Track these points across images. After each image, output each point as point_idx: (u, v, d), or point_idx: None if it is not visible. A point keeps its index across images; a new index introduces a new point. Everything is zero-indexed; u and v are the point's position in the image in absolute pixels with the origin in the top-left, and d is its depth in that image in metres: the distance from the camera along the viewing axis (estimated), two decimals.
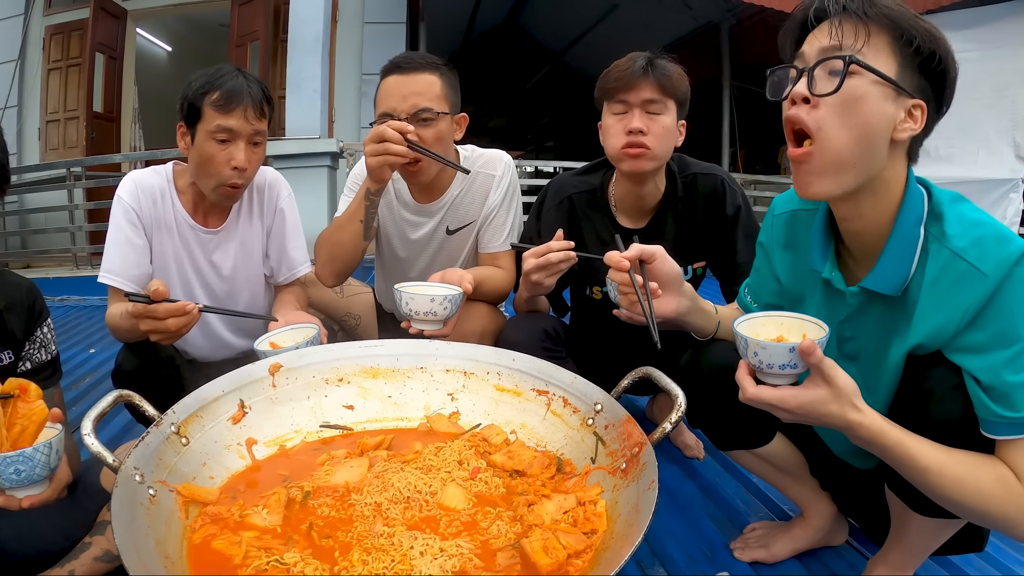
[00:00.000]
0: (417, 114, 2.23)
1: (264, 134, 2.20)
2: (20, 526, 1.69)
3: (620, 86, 2.13)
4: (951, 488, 1.28)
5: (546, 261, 1.99)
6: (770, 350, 1.26)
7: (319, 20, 7.13)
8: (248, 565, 1.23)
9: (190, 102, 2.12)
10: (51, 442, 1.42)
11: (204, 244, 2.30)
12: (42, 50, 10.57)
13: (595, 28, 12.63)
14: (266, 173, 2.39)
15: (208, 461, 1.51)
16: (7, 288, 1.76)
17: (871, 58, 1.29)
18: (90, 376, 3.79)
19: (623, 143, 2.14)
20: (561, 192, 2.41)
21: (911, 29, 1.29)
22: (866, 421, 1.27)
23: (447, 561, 1.21)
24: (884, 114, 1.30)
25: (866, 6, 1.31)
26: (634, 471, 1.34)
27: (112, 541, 1.69)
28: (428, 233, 2.53)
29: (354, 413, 1.76)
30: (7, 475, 1.37)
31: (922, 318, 1.36)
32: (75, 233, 8.21)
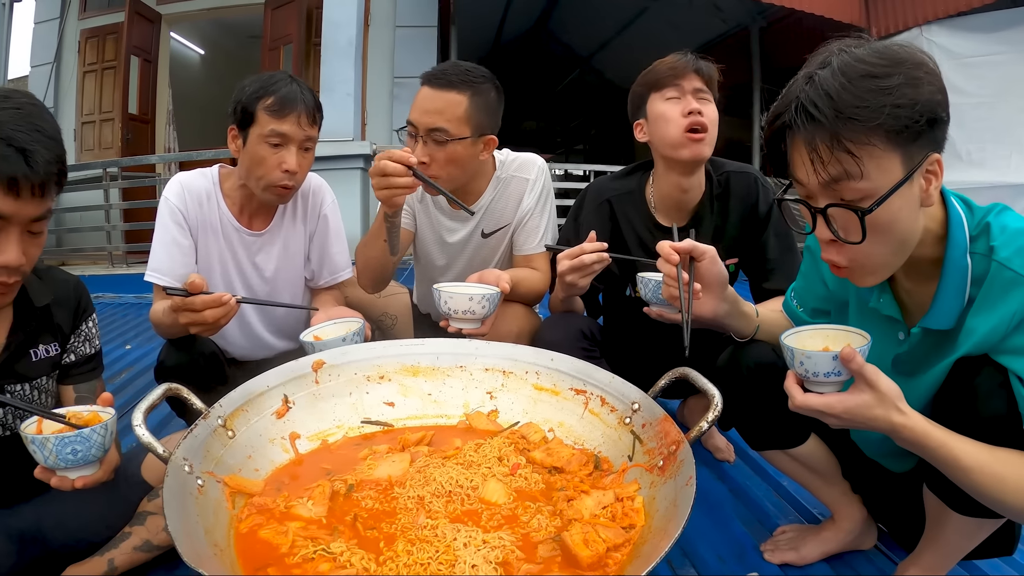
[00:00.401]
0: (431, 132, 2.23)
1: (314, 140, 2.24)
2: (62, 515, 1.73)
3: (675, 73, 2.18)
4: (993, 486, 1.29)
5: (580, 263, 2.02)
6: (815, 359, 1.31)
7: (352, 24, 7.19)
8: (295, 554, 1.27)
9: (243, 106, 2.16)
10: (107, 424, 1.47)
11: (248, 246, 2.35)
12: (77, 53, 10.76)
13: (624, 32, 12.60)
14: (311, 180, 2.44)
15: (253, 454, 1.56)
16: (55, 284, 1.81)
17: (874, 170, 1.23)
18: (126, 372, 3.87)
19: (685, 125, 2.16)
20: (600, 195, 2.43)
21: (897, 119, 1.20)
22: (910, 423, 1.28)
23: (490, 552, 1.25)
24: (909, 204, 1.28)
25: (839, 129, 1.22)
26: (671, 468, 1.36)
27: (151, 531, 1.74)
28: (464, 237, 2.55)
29: (394, 410, 1.80)
30: (63, 455, 1.41)
31: (971, 331, 1.36)
32: (111, 232, 8.34)
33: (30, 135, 1.45)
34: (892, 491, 1.76)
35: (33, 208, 1.48)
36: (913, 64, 1.22)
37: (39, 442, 1.41)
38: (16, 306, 1.69)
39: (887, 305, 1.49)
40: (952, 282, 1.36)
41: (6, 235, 1.46)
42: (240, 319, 2.43)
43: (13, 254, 1.47)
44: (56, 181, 1.51)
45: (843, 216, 1.29)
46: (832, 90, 1.21)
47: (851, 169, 1.22)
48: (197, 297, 1.78)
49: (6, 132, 1.42)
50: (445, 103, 2.23)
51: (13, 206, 1.44)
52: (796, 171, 1.32)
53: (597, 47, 14.30)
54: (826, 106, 1.21)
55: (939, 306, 1.39)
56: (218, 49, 13.62)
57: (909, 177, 1.24)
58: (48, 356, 1.77)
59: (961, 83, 7.38)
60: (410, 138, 2.28)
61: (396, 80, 9.32)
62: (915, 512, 1.63)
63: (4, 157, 1.41)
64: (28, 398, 1.72)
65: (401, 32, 9.37)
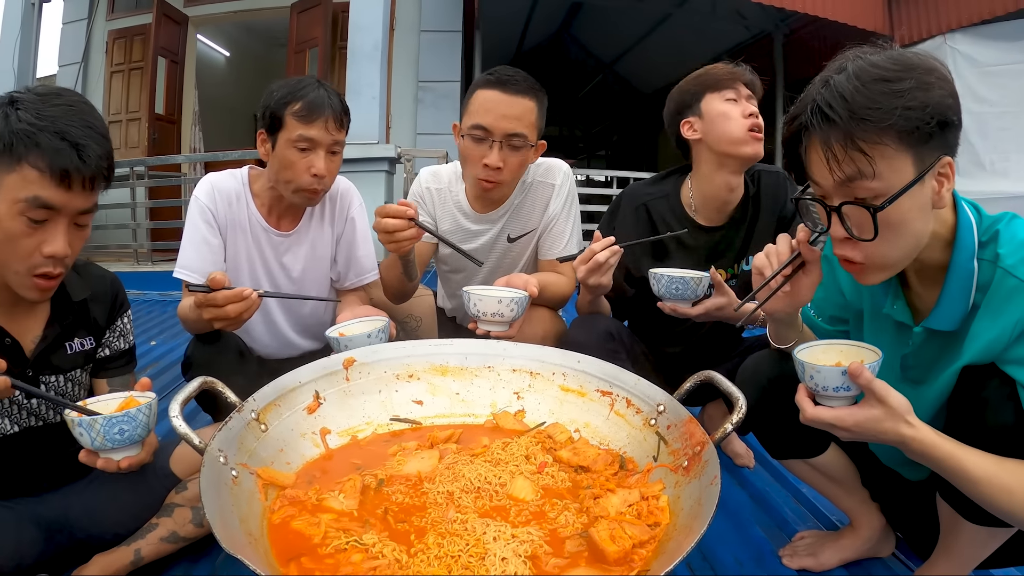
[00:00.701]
0: (509, 138, 2.28)
1: (342, 144, 2.28)
2: (90, 505, 1.77)
3: (734, 77, 2.25)
4: (1001, 497, 1.30)
5: (595, 263, 2.06)
6: (824, 373, 1.35)
7: (378, 28, 7.25)
8: (328, 544, 1.30)
9: (272, 111, 2.20)
10: (150, 404, 1.51)
11: (276, 246, 2.39)
12: (105, 53, 10.93)
13: (647, 38, 12.60)
14: (339, 182, 2.48)
15: (285, 447, 1.59)
16: (93, 279, 1.86)
17: (886, 169, 1.27)
18: (151, 367, 3.93)
19: (747, 125, 2.22)
20: (635, 200, 2.46)
21: (908, 120, 1.24)
22: (919, 436, 1.31)
23: (519, 546, 1.27)
24: (920, 205, 1.32)
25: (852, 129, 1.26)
26: (696, 468, 1.38)
27: (179, 523, 1.77)
28: (489, 241, 2.59)
29: (423, 408, 1.83)
30: (111, 435, 1.45)
31: (975, 336, 1.38)
32: (136, 229, 8.44)
33: (83, 131, 1.51)
34: (909, 499, 1.78)
35: (82, 201, 1.53)
36: (925, 70, 1.27)
37: (86, 424, 1.45)
38: (54, 300, 1.74)
39: (900, 311, 1.51)
40: (956, 284, 1.39)
41: (55, 226, 1.52)
42: (266, 318, 2.46)
43: (60, 244, 1.52)
44: (104, 176, 1.56)
45: (856, 214, 1.33)
46: (847, 92, 1.26)
47: (864, 168, 1.27)
48: (219, 292, 1.81)
49: (60, 127, 1.48)
50: (522, 109, 2.28)
51: (64, 198, 1.49)
52: (813, 171, 1.37)
53: (620, 53, 14.31)
54: (840, 107, 1.26)
55: (942, 307, 1.41)
56: (244, 51, 13.77)
57: (920, 178, 1.28)
58: (83, 350, 1.81)
59: (984, 92, 7.34)
60: (478, 142, 2.30)
61: (420, 84, 9.40)
62: (931, 520, 1.64)
63: (58, 150, 1.46)
64: (62, 390, 1.77)
65: (426, 36, 9.44)
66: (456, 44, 9.52)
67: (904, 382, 1.53)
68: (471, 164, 2.34)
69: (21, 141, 1.45)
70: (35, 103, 1.50)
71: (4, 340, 1.64)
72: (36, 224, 1.49)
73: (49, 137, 1.46)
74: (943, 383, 1.46)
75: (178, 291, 2.32)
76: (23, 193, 1.46)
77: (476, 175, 2.34)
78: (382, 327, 1.98)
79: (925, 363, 1.51)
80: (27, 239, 1.50)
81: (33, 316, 1.71)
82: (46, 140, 1.46)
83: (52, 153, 1.46)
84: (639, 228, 2.37)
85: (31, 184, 1.46)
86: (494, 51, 11.28)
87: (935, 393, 1.48)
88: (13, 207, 1.47)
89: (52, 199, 1.48)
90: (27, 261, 1.52)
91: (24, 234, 1.49)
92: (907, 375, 1.54)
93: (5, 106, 1.50)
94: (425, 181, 2.61)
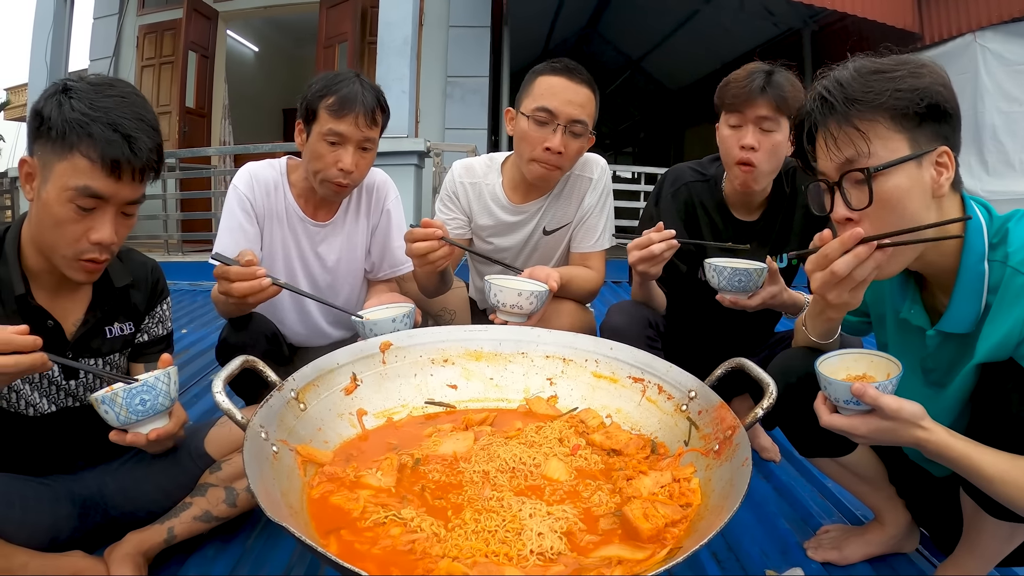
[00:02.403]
0: (572, 124, 2.31)
1: (374, 141, 2.30)
2: (124, 483, 1.82)
3: (737, 102, 2.19)
4: (1016, 495, 1.32)
5: (649, 253, 2.06)
6: (835, 386, 1.39)
7: (407, 23, 7.27)
8: (367, 519, 1.33)
9: (308, 102, 2.24)
10: (168, 371, 1.55)
11: (312, 236, 2.43)
12: (136, 48, 11.05)
13: (675, 34, 12.55)
14: (376, 175, 2.52)
15: (323, 426, 1.63)
16: (134, 266, 1.90)
17: (880, 148, 1.36)
18: (183, 353, 4.00)
19: (736, 157, 2.21)
20: (678, 180, 2.47)
21: (899, 100, 1.34)
22: (933, 438, 1.34)
23: (555, 523, 1.30)
24: (919, 187, 1.36)
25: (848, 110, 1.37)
26: (727, 452, 1.41)
27: (212, 503, 1.81)
28: (526, 233, 2.61)
29: (457, 392, 1.87)
30: (133, 407, 1.49)
31: (987, 335, 1.39)
32: (167, 220, 8.54)
33: (135, 123, 1.55)
34: (934, 495, 1.78)
35: (131, 191, 1.57)
36: (918, 64, 1.38)
37: (109, 400, 1.48)
38: (96, 285, 1.78)
39: (917, 315, 1.53)
40: (967, 287, 1.41)
41: (103, 214, 1.56)
42: (299, 306, 2.51)
43: (107, 232, 1.56)
44: (154, 168, 1.60)
45: (854, 189, 1.40)
46: (844, 80, 1.39)
47: (860, 147, 1.36)
48: (233, 267, 1.82)
49: (112, 118, 1.52)
50: (585, 98, 2.33)
51: (113, 188, 1.53)
52: (818, 160, 1.46)
53: (647, 50, 14.25)
54: (837, 92, 1.38)
55: (954, 309, 1.43)
56: (273, 47, 13.88)
57: (916, 157, 1.35)
58: (122, 335, 1.85)
59: (1014, 90, 7.25)
60: (541, 125, 2.32)
61: (449, 79, 9.42)
62: (955, 517, 1.65)
63: (110, 141, 1.50)
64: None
65: (454, 32, 9.45)
66: (484, 39, 9.53)
67: (927, 385, 1.56)
68: (530, 146, 2.35)
69: (74, 130, 1.49)
70: (88, 93, 1.54)
71: (47, 322, 1.68)
72: (84, 212, 1.53)
73: (102, 128, 1.50)
74: (961, 384, 1.47)
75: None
76: (73, 181, 1.50)
77: (535, 157, 2.35)
78: (407, 312, 2.01)
79: (944, 366, 1.52)
80: (75, 225, 1.54)
81: (75, 300, 1.76)
82: (99, 131, 1.50)
83: (104, 144, 1.50)
84: (677, 209, 2.39)
85: (82, 173, 1.50)
86: (522, 47, 11.27)
87: (956, 394, 1.50)
88: (63, 194, 1.51)
89: (102, 189, 1.52)
90: (74, 246, 1.56)
91: (72, 220, 1.54)
92: (928, 378, 1.56)
93: (59, 94, 1.54)
94: (459, 176, 2.62)
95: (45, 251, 1.61)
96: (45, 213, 1.55)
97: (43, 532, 1.64)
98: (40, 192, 1.55)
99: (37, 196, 1.56)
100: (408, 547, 1.25)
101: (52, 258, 1.60)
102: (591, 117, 2.36)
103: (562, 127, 2.30)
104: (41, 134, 1.53)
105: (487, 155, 2.65)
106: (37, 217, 1.59)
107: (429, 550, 1.24)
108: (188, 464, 1.86)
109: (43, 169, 1.54)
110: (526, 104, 2.35)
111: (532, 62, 2.46)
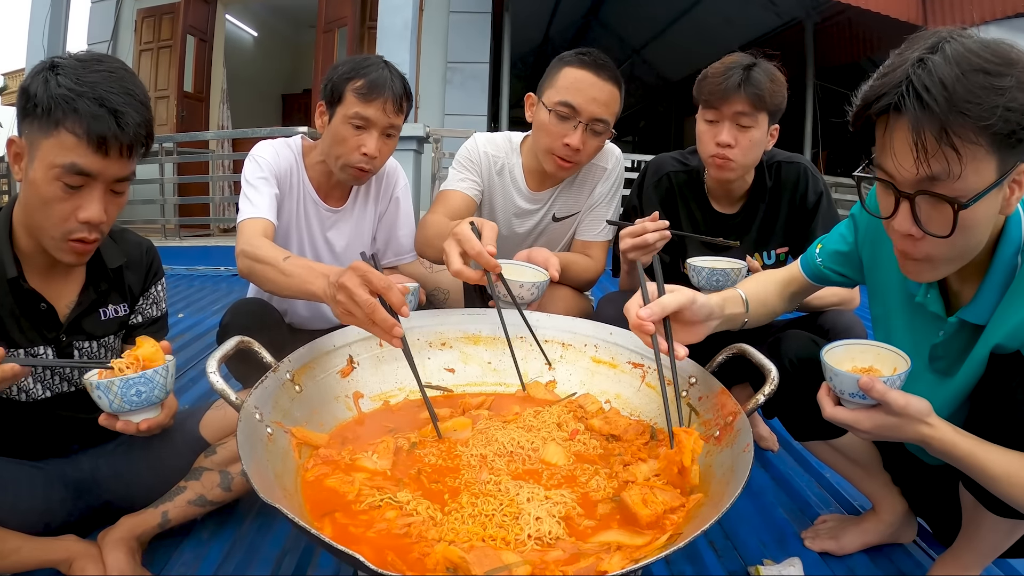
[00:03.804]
0: (594, 122, 2.26)
1: (398, 128, 2.27)
2: (118, 467, 1.81)
3: (713, 99, 2.16)
4: (1019, 494, 1.31)
5: (642, 241, 2.06)
6: (841, 378, 1.36)
7: (408, 8, 7.24)
8: (362, 502, 1.32)
9: (334, 84, 2.20)
10: (167, 366, 1.52)
11: (323, 220, 2.41)
12: (134, 32, 11.02)
13: (676, 24, 12.52)
14: (387, 162, 2.47)
15: (319, 408, 1.61)
16: (128, 246, 1.87)
17: (971, 174, 1.18)
18: (179, 338, 3.99)
19: (711, 152, 2.20)
20: (660, 170, 2.46)
21: (1007, 123, 1.14)
22: (938, 435, 1.32)
23: (553, 507, 1.29)
24: (992, 209, 1.25)
25: (950, 120, 1.15)
26: (728, 437, 1.40)
27: (206, 487, 1.80)
28: (537, 219, 2.58)
29: (455, 376, 1.86)
30: (128, 397, 1.46)
31: (1001, 322, 1.37)
32: (164, 205, 8.51)
33: (122, 97, 1.51)
34: (929, 484, 1.77)
35: (119, 168, 1.53)
36: (1023, 67, 1.17)
37: (104, 387, 1.46)
38: (89, 266, 1.75)
39: (933, 301, 1.49)
40: (997, 278, 1.37)
41: (91, 192, 1.52)
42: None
43: (96, 211, 1.52)
44: (142, 144, 1.56)
45: (930, 208, 1.24)
46: (947, 79, 1.15)
47: (953, 168, 1.17)
48: None
49: (99, 93, 1.48)
50: (610, 95, 2.28)
51: (100, 164, 1.49)
52: (892, 155, 1.24)
53: (648, 39, 14.24)
54: (939, 94, 1.14)
55: (980, 300, 1.39)
56: (271, 31, 13.83)
57: (1000, 183, 1.21)
58: (116, 316, 1.82)
59: None
60: (562, 120, 2.26)
61: (449, 65, 9.41)
62: (954, 509, 1.64)
63: (96, 116, 1.46)
64: (95, 355, 1.78)
65: (455, 17, 9.43)
66: (485, 25, 9.50)
67: (931, 372, 1.53)
68: (549, 140, 2.30)
69: (60, 106, 1.45)
70: (75, 68, 1.50)
71: (40, 305, 1.65)
72: (72, 190, 1.50)
73: (88, 103, 1.46)
74: (968, 374, 1.45)
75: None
76: (60, 159, 1.46)
77: (552, 151, 2.30)
78: (413, 289, 1.99)
79: (953, 354, 1.49)
80: (63, 204, 1.51)
81: (68, 282, 1.73)
82: (84, 106, 1.46)
83: (90, 119, 1.46)
84: (659, 200, 2.39)
85: (68, 150, 1.46)
86: (523, 34, 11.25)
87: (960, 385, 1.48)
88: (49, 172, 1.47)
89: (89, 166, 1.48)
90: (63, 226, 1.53)
91: (60, 199, 1.50)
92: (934, 365, 1.54)
93: (46, 71, 1.50)
94: (483, 145, 2.54)
95: (34, 232, 1.58)
96: (32, 193, 1.51)
97: (36, 516, 1.63)
98: (28, 172, 1.51)
99: (25, 176, 1.53)
100: (404, 530, 1.23)
101: (41, 239, 1.57)
102: (614, 116, 2.31)
103: (583, 125, 2.25)
104: (28, 112, 1.49)
105: (503, 134, 2.60)
106: (25, 197, 1.56)
107: (425, 534, 1.22)
108: (182, 448, 1.84)
109: (30, 148, 1.50)
110: (548, 95, 2.29)
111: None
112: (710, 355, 1.65)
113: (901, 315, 1.60)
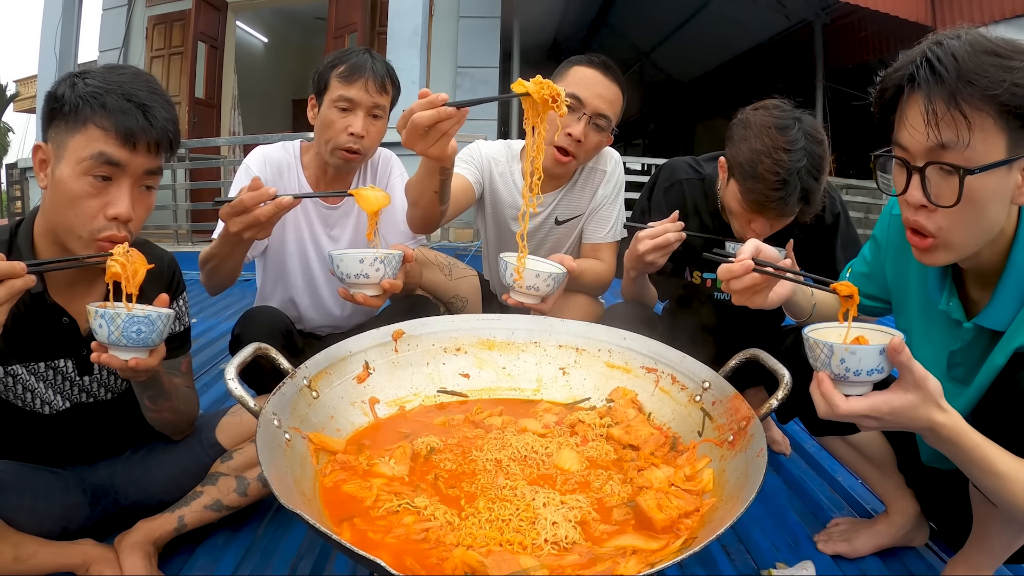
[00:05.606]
0: (597, 116, 2.32)
1: (385, 109, 2.31)
2: (135, 472, 1.82)
3: (760, 209, 2.02)
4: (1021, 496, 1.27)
5: (664, 241, 2.04)
6: (860, 354, 1.19)
7: (417, 13, 7.29)
8: (380, 507, 1.33)
9: (319, 75, 2.27)
10: (170, 315, 1.49)
11: (324, 218, 2.43)
12: (145, 39, 11.10)
13: (685, 26, 12.51)
14: (381, 152, 2.52)
15: (335, 414, 1.62)
16: (150, 259, 1.84)
17: (979, 143, 1.23)
18: (192, 343, 3.95)
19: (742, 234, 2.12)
20: (673, 176, 2.46)
21: (1013, 96, 1.20)
22: (950, 422, 1.24)
23: (569, 512, 1.30)
24: (1003, 192, 1.28)
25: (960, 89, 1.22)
26: (742, 442, 1.40)
27: (223, 492, 1.81)
28: (539, 221, 2.59)
29: (469, 381, 1.86)
30: (128, 332, 1.42)
31: (1017, 329, 1.36)
32: (176, 211, 8.56)
33: (148, 95, 1.52)
34: (943, 487, 1.77)
35: (147, 160, 1.53)
36: None
37: (109, 316, 1.41)
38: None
39: (955, 308, 1.48)
40: (1013, 281, 1.36)
41: (119, 187, 1.51)
42: (312, 292, 2.49)
43: (124, 206, 1.51)
44: (169, 142, 1.56)
45: (939, 180, 1.28)
46: (958, 53, 1.24)
47: (962, 134, 1.23)
48: (244, 195, 1.73)
49: (126, 90, 1.49)
50: (614, 94, 2.34)
51: (128, 156, 1.49)
52: (906, 129, 1.30)
53: (657, 42, 14.22)
54: (951, 64, 1.23)
55: (996, 304, 1.39)
56: (282, 38, 13.90)
57: (1011, 161, 1.24)
58: None
59: None
60: (568, 111, 2.18)
61: (459, 70, 9.42)
62: (965, 511, 1.64)
63: (124, 111, 1.47)
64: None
65: (464, 23, 9.45)
66: (494, 30, 9.52)
67: (949, 380, 1.52)
68: (553, 130, 2.31)
69: (87, 103, 1.46)
70: (101, 72, 1.52)
71: (62, 319, 1.64)
72: (101, 183, 1.49)
73: (115, 99, 1.48)
74: (983, 381, 1.45)
75: None
76: (88, 151, 1.46)
77: (555, 142, 2.33)
78: (383, 256, 1.83)
79: (972, 361, 1.49)
80: (91, 200, 1.49)
81: (90, 295, 1.69)
82: (112, 101, 1.47)
83: (118, 114, 1.47)
84: (670, 206, 2.35)
85: (96, 142, 1.47)
86: (532, 38, 11.26)
87: (975, 393, 1.47)
88: (78, 167, 1.47)
89: (117, 155, 1.48)
90: (90, 224, 1.51)
91: (88, 195, 1.49)
92: (952, 373, 1.53)
93: (72, 77, 1.52)
94: (485, 150, 2.58)
95: (61, 236, 1.56)
96: (59, 192, 1.50)
97: (54, 521, 1.64)
98: (54, 173, 1.51)
99: (51, 179, 1.52)
100: (422, 535, 1.25)
101: (68, 243, 1.55)
102: (616, 116, 2.37)
103: (587, 117, 2.30)
104: (55, 114, 1.50)
105: (502, 141, 2.64)
106: (51, 200, 1.54)
107: (443, 538, 1.23)
108: (199, 453, 1.86)
109: (57, 150, 1.50)
110: None
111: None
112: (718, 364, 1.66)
113: (922, 325, 1.60)
